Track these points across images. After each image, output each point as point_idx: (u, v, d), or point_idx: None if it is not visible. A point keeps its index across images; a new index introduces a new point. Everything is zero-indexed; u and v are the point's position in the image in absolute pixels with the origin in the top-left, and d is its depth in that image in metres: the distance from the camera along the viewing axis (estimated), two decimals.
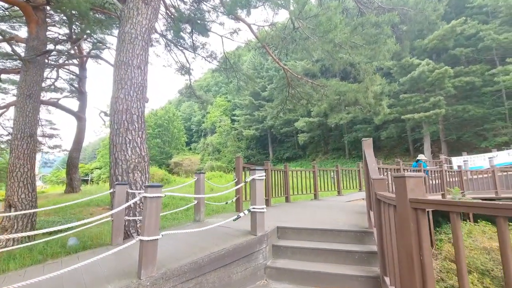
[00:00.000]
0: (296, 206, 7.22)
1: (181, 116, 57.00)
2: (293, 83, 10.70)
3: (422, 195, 1.67)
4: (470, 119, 21.26)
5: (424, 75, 18.41)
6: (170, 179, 21.55)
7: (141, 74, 5.48)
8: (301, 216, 5.16)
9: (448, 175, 10.89)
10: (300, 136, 32.75)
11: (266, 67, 38.57)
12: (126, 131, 5.14)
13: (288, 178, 8.65)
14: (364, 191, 11.69)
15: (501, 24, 19.10)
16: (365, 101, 8.45)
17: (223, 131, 42.34)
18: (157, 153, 34.94)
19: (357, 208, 6.35)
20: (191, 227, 4.01)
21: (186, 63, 13.34)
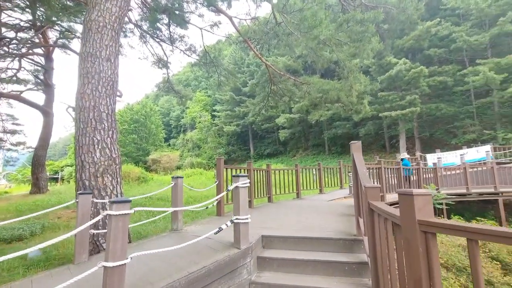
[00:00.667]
0: (279, 207, 7.03)
1: (159, 111, 55.15)
2: (275, 80, 10.45)
3: (430, 215, 1.48)
4: (442, 117, 22.24)
5: (401, 74, 18.93)
6: (147, 177, 20.70)
7: (111, 67, 4.95)
8: (286, 220, 4.95)
9: (424, 172, 11.26)
10: (281, 132, 32.78)
11: (247, 62, 38.08)
12: (94, 130, 4.63)
13: (271, 178, 8.44)
14: (345, 189, 11.82)
15: (472, 26, 20.02)
16: (347, 100, 8.40)
17: (203, 127, 41.46)
18: (133, 150, 33.52)
19: (341, 209, 6.26)
20: (168, 240, 3.65)
21: (164, 56, 12.67)
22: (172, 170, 31.72)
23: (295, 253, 3.33)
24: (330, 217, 5.19)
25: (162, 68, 13.51)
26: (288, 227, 4.24)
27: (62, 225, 7.99)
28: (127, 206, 2.10)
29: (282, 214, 5.79)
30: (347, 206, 7.01)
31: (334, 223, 4.47)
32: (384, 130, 25.96)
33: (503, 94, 17.71)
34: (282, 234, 3.69)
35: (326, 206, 7.03)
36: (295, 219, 4.99)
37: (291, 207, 7.09)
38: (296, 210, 6.34)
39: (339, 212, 5.77)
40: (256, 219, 5.00)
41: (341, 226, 4.23)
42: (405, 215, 1.57)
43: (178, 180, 4.11)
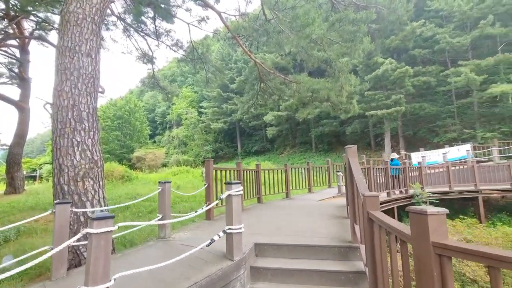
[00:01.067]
0: (270, 209, 6.92)
1: (144, 107, 53.72)
2: (265, 78, 10.28)
3: (445, 236, 1.38)
4: (425, 116, 22.86)
5: (387, 74, 19.24)
6: (132, 176, 20.07)
7: (92, 63, 4.62)
8: (277, 223, 4.83)
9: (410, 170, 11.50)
10: (268, 129, 32.71)
11: (234, 59, 37.63)
12: (73, 131, 4.31)
13: (261, 178, 8.31)
14: (334, 188, 11.88)
15: (455, 28, 20.60)
16: (337, 99, 8.37)
17: (189, 124, 40.73)
18: (117, 147, 32.45)
19: (332, 210, 6.22)
20: (155, 250, 3.43)
21: (149, 50, 12.20)
22: (158, 168, 31.00)
23: (289, 262, 3.21)
24: (322, 219, 5.11)
25: (147, 63, 13.02)
26: (280, 232, 4.12)
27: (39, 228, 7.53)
28: (109, 223, 1.88)
29: (273, 216, 5.67)
30: (337, 206, 6.99)
31: (327, 227, 4.40)
32: (369, 128, 26.41)
33: (482, 95, 18.38)
34: (275, 241, 3.56)
35: (316, 207, 6.98)
36: (287, 222, 4.88)
37: (281, 208, 6.99)
38: (286, 212, 6.24)
39: (330, 214, 5.72)
40: (247, 223, 4.84)
41: (334, 230, 4.15)
42: (417, 235, 1.46)
43: (165, 186, 3.88)
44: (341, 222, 4.72)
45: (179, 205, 10.68)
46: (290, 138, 34.88)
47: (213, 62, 10.97)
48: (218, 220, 5.13)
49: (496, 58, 17.40)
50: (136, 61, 13.49)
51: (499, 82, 17.47)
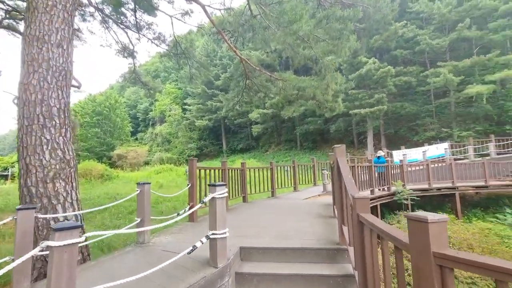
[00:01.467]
0: (255, 208, 6.78)
1: (125, 103, 52.02)
2: (250, 75, 10.10)
3: (446, 245, 1.28)
4: (405, 115, 23.54)
5: (371, 73, 19.60)
6: (112, 175, 19.35)
7: (63, 54, 4.26)
8: (263, 224, 4.69)
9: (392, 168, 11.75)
10: (254, 127, 32.57)
11: (220, 55, 37.10)
12: (42, 128, 3.96)
13: (246, 177, 8.16)
14: (319, 186, 11.92)
15: (434, 30, 21.28)
16: (323, 98, 8.34)
17: (173, 121, 39.83)
18: (96, 145, 31.19)
19: (318, 209, 6.17)
20: (133, 257, 3.19)
21: (130, 44, 11.68)
22: (140, 166, 30.12)
23: (276, 267, 3.08)
24: (309, 219, 5.04)
25: (127, 58, 12.47)
26: (266, 234, 3.99)
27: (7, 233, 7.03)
28: (75, 233, 1.66)
29: (258, 216, 5.54)
30: (323, 205, 6.96)
31: (313, 227, 4.31)
32: (353, 127, 26.89)
33: (459, 95, 19.13)
34: (261, 244, 3.42)
35: (302, 206, 6.91)
36: (273, 223, 4.76)
37: (267, 207, 6.88)
38: (273, 212, 6.13)
39: (316, 213, 5.66)
40: (232, 224, 4.68)
41: (321, 230, 4.07)
42: (416, 244, 1.35)
43: (144, 187, 3.63)
44: (328, 222, 4.66)
45: (162, 205, 10.34)
46: (275, 136, 34.91)
47: (197, 57, 10.65)
48: (202, 222, 4.93)
49: (472, 60, 18.14)
50: (116, 55, 12.86)
51: (475, 83, 18.24)
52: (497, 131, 18.24)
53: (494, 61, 17.90)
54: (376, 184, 9.69)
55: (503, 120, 18.66)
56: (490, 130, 18.78)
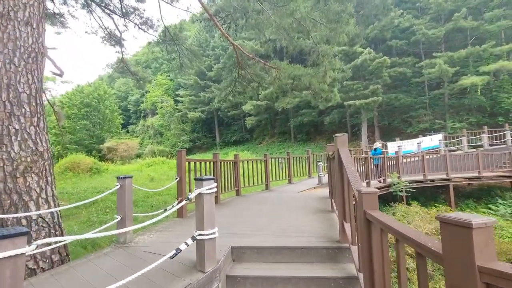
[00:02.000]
0: (249, 202, 6.50)
1: (115, 95, 50.79)
2: (244, 63, 9.67)
3: (493, 256, 0.99)
4: (399, 107, 23.44)
5: (366, 64, 19.30)
6: (101, 168, 18.79)
7: (33, 34, 3.80)
8: (257, 220, 4.41)
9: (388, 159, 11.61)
10: (247, 119, 32.14)
11: (212, 45, 36.22)
12: (9, 117, 3.54)
13: (239, 169, 7.84)
14: (314, 178, 11.71)
15: (430, 20, 21.03)
16: (319, 87, 8.01)
17: (165, 113, 39.03)
18: (85, 137, 30.32)
19: (314, 203, 5.91)
20: (110, 261, 2.86)
21: (116, 30, 11.07)
22: (131, 159, 29.49)
23: (271, 268, 2.79)
24: (306, 214, 4.77)
25: (115, 46, 11.88)
26: (261, 231, 3.70)
27: None
28: (20, 242, 1.31)
29: (252, 211, 5.25)
30: (319, 198, 6.73)
31: (311, 223, 4.04)
32: (347, 118, 26.73)
33: (453, 86, 19.04)
34: (255, 243, 3.13)
35: (298, 199, 6.66)
36: (268, 219, 4.48)
37: (261, 201, 6.60)
38: (267, 206, 5.85)
39: (313, 207, 5.40)
40: (223, 221, 4.38)
41: (320, 227, 3.81)
42: (453, 255, 1.06)
43: (125, 182, 3.27)
44: (326, 217, 4.40)
45: (152, 199, 9.98)
46: (269, 128, 34.59)
47: (187, 44, 10.13)
48: (192, 218, 4.61)
49: (467, 50, 18.00)
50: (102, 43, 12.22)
51: (469, 75, 18.15)
52: (490, 122, 18.29)
53: (489, 52, 17.81)
54: (373, 176, 9.52)
55: (496, 111, 18.71)
56: (483, 121, 18.84)
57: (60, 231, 3.92)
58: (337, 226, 3.80)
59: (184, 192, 4.90)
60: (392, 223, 1.74)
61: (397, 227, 1.64)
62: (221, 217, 4.68)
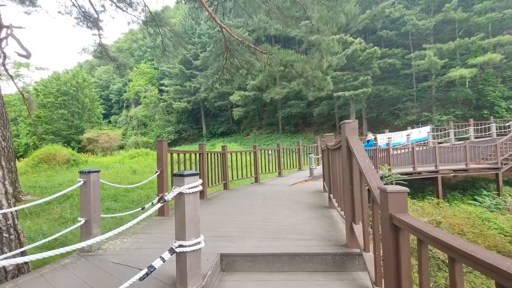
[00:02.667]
0: (238, 197, 6.00)
1: (96, 83, 48.49)
2: (232, 48, 9.00)
3: None
4: (387, 99, 23.44)
5: (356, 54, 18.98)
6: (80, 160, 17.74)
7: None
8: (249, 218, 3.92)
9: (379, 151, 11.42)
10: (235, 110, 31.40)
11: (198, 33, 34.86)
12: None
13: (227, 161, 7.31)
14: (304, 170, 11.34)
15: (420, 11, 20.88)
16: (312, 74, 7.53)
17: (149, 103, 37.56)
18: (63, 127, 28.65)
19: (309, 197, 5.49)
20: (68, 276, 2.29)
21: (92, 9, 10.08)
22: (113, 151, 28.23)
23: (268, 279, 2.32)
24: (302, 210, 4.33)
25: (92, 28, 10.87)
26: (253, 232, 3.22)
27: None
28: None
29: (243, 207, 4.76)
30: (313, 192, 6.32)
31: (310, 221, 3.60)
32: (335, 110, 26.55)
33: (441, 79, 19.10)
34: (248, 249, 2.64)
35: (291, 194, 6.23)
36: (260, 217, 4.00)
37: (251, 196, 6.12)
38: (258, 201, 5.38)
39: (309, 203, 4.97)
40: (210, 219, 3.87)
41: (320, 226, 3.37)
42: None
43: (90, 177, 2.67)
44: (325, 214, 3.97)
45: (133, 193, 9.31)
46: (256, 119, 34.01)
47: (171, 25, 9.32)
48: None
49: (456, 42, 18.00)
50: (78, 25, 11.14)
51: (458, 67, 18.23)
52: (475, 115, 18.55)
53: (477, 45, 17.89)
54: None
55: (481, 104, 18.98)
56: (469, 114, 19.08)
57: (16, 234, 3.29)
58: (339, 226, 3.38)
59: (166, 187, 4.33)
60: (440, 233, 1.28)
61: (451, 241, 1.18)
62: (208, 215, 4.16)
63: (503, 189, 12.90)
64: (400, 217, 1.62)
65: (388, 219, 1.70)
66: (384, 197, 1.74)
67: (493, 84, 18.79)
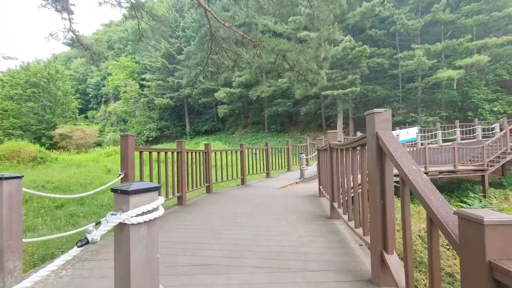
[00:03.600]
0: (222, 202, 5.19)
1: (72, 76, 45.79)
2: (218, 36, 8.16)
3: None
4: (374, 99, 23.32)
5: (346, 52, 18.59)
6: (48, 158, 16.22)
7: None
8: (235, 234, 3.12)
9: None
10: (220, 108, 30.38)
11: (182, 26, 33.47)
12: None
13: (210, 161, 6.48)
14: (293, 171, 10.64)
15: (409, 11, 20.82)
16: (306, 66, 6.84)
17: (129, 98, 35.71)
18: (33, 122, 26.46)
19: (305, 204, 4.76)
20: None
21: None
22: (89, 148, 26.43)
23: None
24: (299, 222, 3.60)
25: (61, 12, 9.67)
26: (243, 257, 2.44)
27: None
28: None
29: (228, 218, 3.96)
30: (307, 197, 5.62)
31: (313, 239, 2.86)
32: (322, 110, 26.20)
33: (428, 80, 19.09)
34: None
35: (282, 199, 5.49)
36: (251, 232, 3.22)
37: (238, 201, 5.33)
38: (246, 208, 4.60)
39: (305, 211, 4.25)
40: (188, 237, 3.04)
41: (328, 246, 2.63)
42: None
43: (2, 186, 1.79)
44: (330, 229, 3.25)
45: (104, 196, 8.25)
46: (242, 118, 33.15)
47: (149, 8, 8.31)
48: None
49: (444, 44, 18.01)
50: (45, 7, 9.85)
51: (445, 68, 18.25)
52: (459, 117, 18.69)
53: (464, 46, 17.98)
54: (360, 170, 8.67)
55: (466, 106, 19.16)
56: (454, 116, 19.22)
57: None
58: (351, 246, 2.66)
59: None
60: None
61: None
62: (184, 230, 3.33)
63: (489, 191, 12.84)
64: (510, 268, 0.89)
65: (485, 270, 0.97)
66: (474, 231, 1.00)
67: (477, 86, 19.01)
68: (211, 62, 9.26)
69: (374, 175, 1.90)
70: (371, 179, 1.98)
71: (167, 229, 3.35)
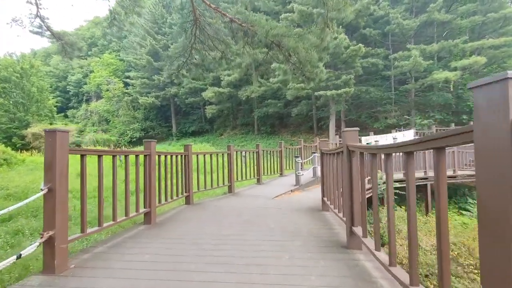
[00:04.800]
0: (203, 218, 4.06)
1: (52, 73, 43.40)
2: (203, 21, 7.06)
3: None
4: (367, 101, 22.73)
5: (340, 51, 17.85)
6: (13, 159, 14.56)
7: None
8: (216, 278, 2.03)
9: None
10: (208, 108, 29.11)
11: (169, 22, 32.08)
12: None
13: (191, 166, 5.35)
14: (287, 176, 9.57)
15: (405, 10, 20.37)
16: (305, 56, 5.86)
17: (112, 97, 33.90)
18: (4, 120, 24.38)
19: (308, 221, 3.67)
20: None
21: None
22: None
23: None
24: (306, 256, 2.53)
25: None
26: None
27: None
28: None
29: (205, 246, 2.84)
30: (308, 210, 4.57)
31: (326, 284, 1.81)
32: (313, 111, 25.43)
33: (423, 82, 18.61)
34: None
35: (278, 213, 4.42)
36: (236, 276, 2.13)
37: (223, 217, 4.21)
38: (233, 228, 3.51)
39: (312, 234, 3.19)
40: (142, 280, 1.93)
41: None
42: None
43: None
44: (355, 271, 2.19)
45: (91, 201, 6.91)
46: (231, 119, 31.98)
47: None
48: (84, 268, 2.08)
49: (440, 44, 17.57)
50: None
51: (441, 69, 17.82)
52: (454, 120, 18.28)
53: (460, 47, 17.59)
54: None
55: (461, 109, 18.79)
56: (448, 119, 18.81)
57: None
58: None
59: (65, 220, 2.32)
60: None
61: None
62: (141, 267, 2.22)
63: None
64: None
65: None
66: None
67: None
68: (195, 52, 8.14)
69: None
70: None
71: (109, 268, 2.22)
